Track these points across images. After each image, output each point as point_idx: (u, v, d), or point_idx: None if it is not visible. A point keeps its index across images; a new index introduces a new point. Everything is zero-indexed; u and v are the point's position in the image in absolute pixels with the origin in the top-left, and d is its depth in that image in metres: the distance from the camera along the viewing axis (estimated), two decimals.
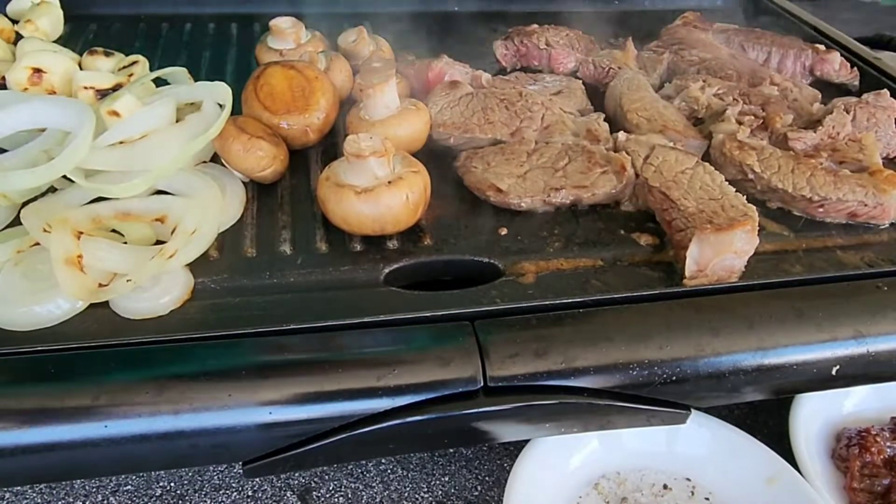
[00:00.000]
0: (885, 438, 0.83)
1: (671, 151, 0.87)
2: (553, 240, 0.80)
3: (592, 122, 0.94)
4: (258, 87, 0.88)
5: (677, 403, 0.68)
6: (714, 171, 0.84)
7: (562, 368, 0.63)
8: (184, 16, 1.28)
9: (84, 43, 1.16)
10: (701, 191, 0.81)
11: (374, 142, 0.75)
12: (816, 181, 0.85)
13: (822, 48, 1.20)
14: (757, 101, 1.02)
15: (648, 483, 0.81)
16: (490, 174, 0.85)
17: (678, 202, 0.80)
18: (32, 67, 0.93)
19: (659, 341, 0.66)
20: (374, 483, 0.84)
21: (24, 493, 0.81)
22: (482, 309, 0.69)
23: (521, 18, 1.27)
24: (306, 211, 0.82)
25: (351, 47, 1.06)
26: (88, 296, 0.67)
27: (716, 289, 0.73)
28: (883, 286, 0.74)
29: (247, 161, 0.81)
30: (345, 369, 0.61)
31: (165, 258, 0.69)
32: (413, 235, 0.79)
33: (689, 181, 0.83)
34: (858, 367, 0.69)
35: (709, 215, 0.77)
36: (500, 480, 0.84)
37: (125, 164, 0.78)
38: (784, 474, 0.79)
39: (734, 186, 0.82)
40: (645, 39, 1.25)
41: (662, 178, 0.84)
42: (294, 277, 0.73)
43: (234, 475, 0.84)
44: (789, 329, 0.68)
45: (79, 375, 0.59)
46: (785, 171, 0.87)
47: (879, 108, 1.00)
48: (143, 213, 0.76)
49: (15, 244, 0.71)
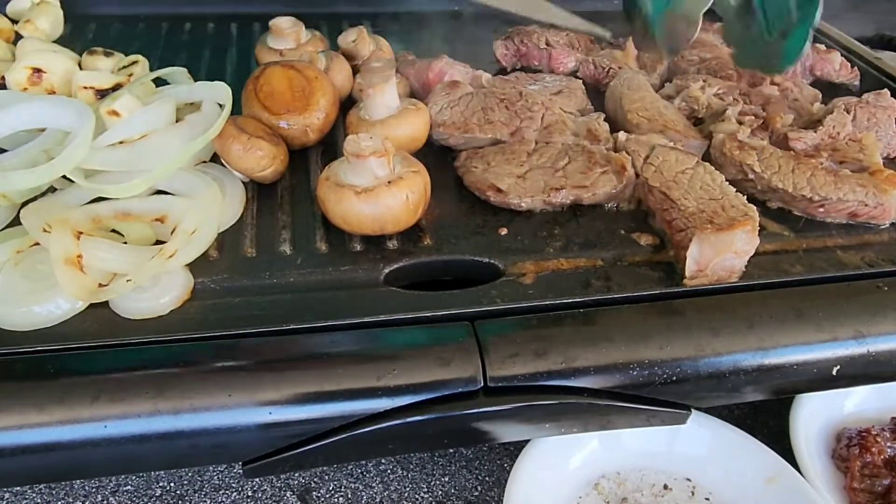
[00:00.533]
0: (886, 438, 0.83)
1: (671, 151, 0.87)
2: (553, 240, 0.80)
3: (592, 121, 0.94)
4: (258, 87, 0.88)
5: (677, 403, 0.68)
6: (714, 171, 0.84)
7: (562, 368, 0.63)
8: (184, 16, 1.28)
9: (84, 43, 1.16)
10: (701, 191, 0.81)
11: (374, 142, 0.75)
12: (817, 181, 0.85)
13: (823, 48, 1.20)
14: (757, 101, 1.02)
15: (649, 483, 0.81)
16: (490, 174, 0.85)
17: (678, 202, 0.80)
18: (32, 67, 0.93)
19: (659, 341, 0.66)
20: (374, 483, 0.84)
21: (24, 494, 0.81)
22: (482, 309, 0.69)
23: (521, 18, 1.27)
24: (306, 211, 0.82)
25: (351, 47, 1.06)
26: (88, 296, 0.66)
27: (716, 289, 0.73)
28: (883, 286, 0.74)
29: (247, 161, 0.81)
30: (345, 369, 0.61)
31: (165, 258, 0.69)
32: (413, 235, 0.79)
33: (690, 181, 0.83)
34: (859, 368, 0.69)
35: (709, 215, 0.76)
36: (500, 480, 0.84)
37: (125, 165, 0.78)
38: (784, 474, 0.79)
39: (734, 186, 0.81)
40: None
41: (663, 178, 0.83)
42: (294, 277, 0.73)
43: (234, 475, 0.84)
44: (789, 329, 0.68)
45: (79, 375, 0.59)
46: (785, 170, 0.87)
47: (880, 108, 1.00)
48: (143, 213, 0.76)
49: (15, 244, 0.71)
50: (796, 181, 0.86)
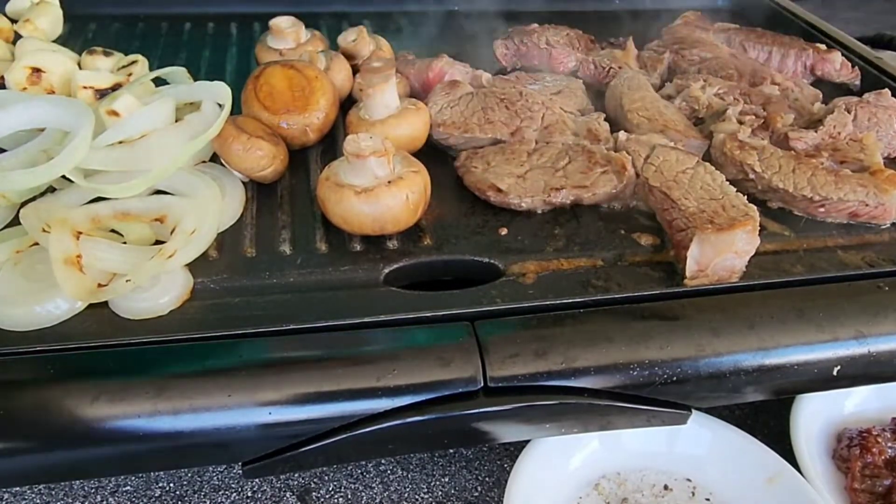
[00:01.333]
0: (886, 439, 0.83)
1: (672, 151, 0.87)
2: (553, 240, 0.80)
3: (593, 121, 0.94)
4: (258, 87, 0.88)
5: (678, 404, 0.68)
6: (715, 171, 0.84)
7: (562, 368, 0.63)
8: (183, 15, 1.28)
9: (83, 42, 1.16)
10: (702, 190, 0.81)
11: (374, 142, 0.75)
12: (817, 181, 0.85)
13: (823, 48, 1.20)
14: (758, 101, 1.01)
15: (649, 483, 0.81)
16: (490, 174, 0.85)
17: (679, 202, 0.79)
18: (31, 67, 0.93)
19: (659, 341, 0.65)
20: (373, 483, 0.84)
21: (24, 494, 0.81)
22: (482, 309, 0.69)
23: (522, 18, 1.27)
24: (306, 211, 0.82)
25: (351, 47, 1.06)
26: (88, 296, 0.66)
27: (716, 289, 0.73)
28: (884, 286, 0.74)
29: (246, 161, 0.81)
30: (345, 369, 0.61)
31: (165, 258, 0.69)
32: (413, 235, 0.79)
33: (690, 181, 0.83)
34: (859, 368, 0.69)
35: (710, 215, 0.76)
36: (500, 481, 0.84)
37: (124, 164, 0.78)
38: (785, 475, 0.79)
39: (735, 186, 0.81)
40: (645, 39, 1.24)
41: (663, 178, 0.83)
42: (294, 277, 0.73)
43: (233, 475, 0.84)
44: (790, 329, 0.68)
45: (79, 375, 0.59)
46: (786, 170, 0.87)
47: (881, 108, 1.00)
48: (143, 213, 0.75)
49: (14, 244, 0.71)
50: (797, 181, 0.86)
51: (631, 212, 0.85)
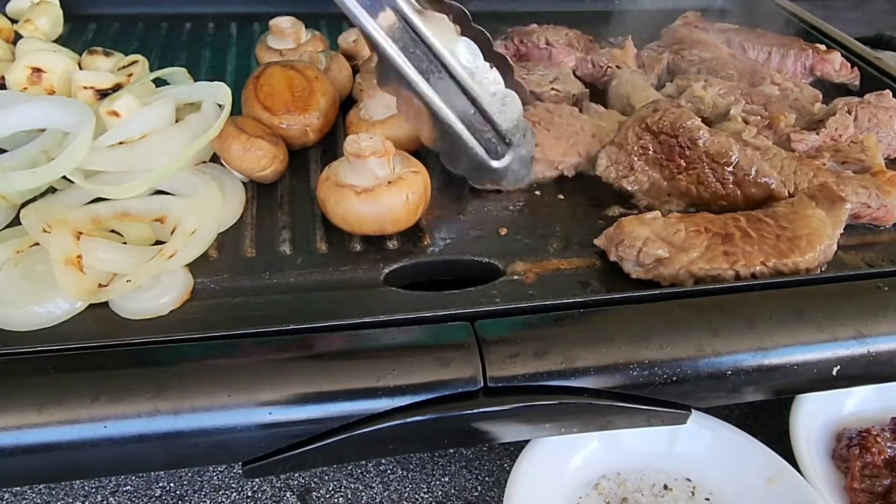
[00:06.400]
0: (886, 439, 0.83)
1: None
2: (553, 240, 0.80)
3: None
4: (258, 87, 0.88)
5: (678, 404, 0.68)
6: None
7: (562, 368, 0.63)
8: (183, 16, 1.28)
9: (83, 43, 1.16)
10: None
11: (374, 142, 0.75)
12: (819, 182, 0.85)
13: (823, 48, 1.20)
14: (758, 101, 1.01)
15: (649, 483, 0.81)
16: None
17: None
18: (32, 67, 0.93)
19: (659, 341, 0.65)
20: (374, 483, 0.84)
21: (24, 494, 0.81)
22: (482, 309, 0.69)
23: (521, 18, 1.27)
24: (306, 211, 0.82)
25: (351, 47, 1.06)
26: (88, 296, 0.66)
27: (716, 289, 0.73)
28: (884, 286, 0.74)
29: (246, 161, 0.81)
30: (345, 369, 0.61)
31: (165, 258, 0.69)
32: (413, 235, 0.79)
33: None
34: (859, 368, 0.69)
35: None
36: (500, 481, 0.84)
37: (125, 165, 0.78)
38: (784, 474, 0.79)
39: None
40: (645, 39, 1.24)
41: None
42: (294, 277, 0.73)
43: (233, 475, 0.84)
44: (790, 329, 0.68)
45: (79, 375, 0.59)
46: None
47: (881, 109, 0.99)
48: (143, 214, 0.75)
49: (14, 244, 0.71)
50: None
51: (631, 212, 0.85)
